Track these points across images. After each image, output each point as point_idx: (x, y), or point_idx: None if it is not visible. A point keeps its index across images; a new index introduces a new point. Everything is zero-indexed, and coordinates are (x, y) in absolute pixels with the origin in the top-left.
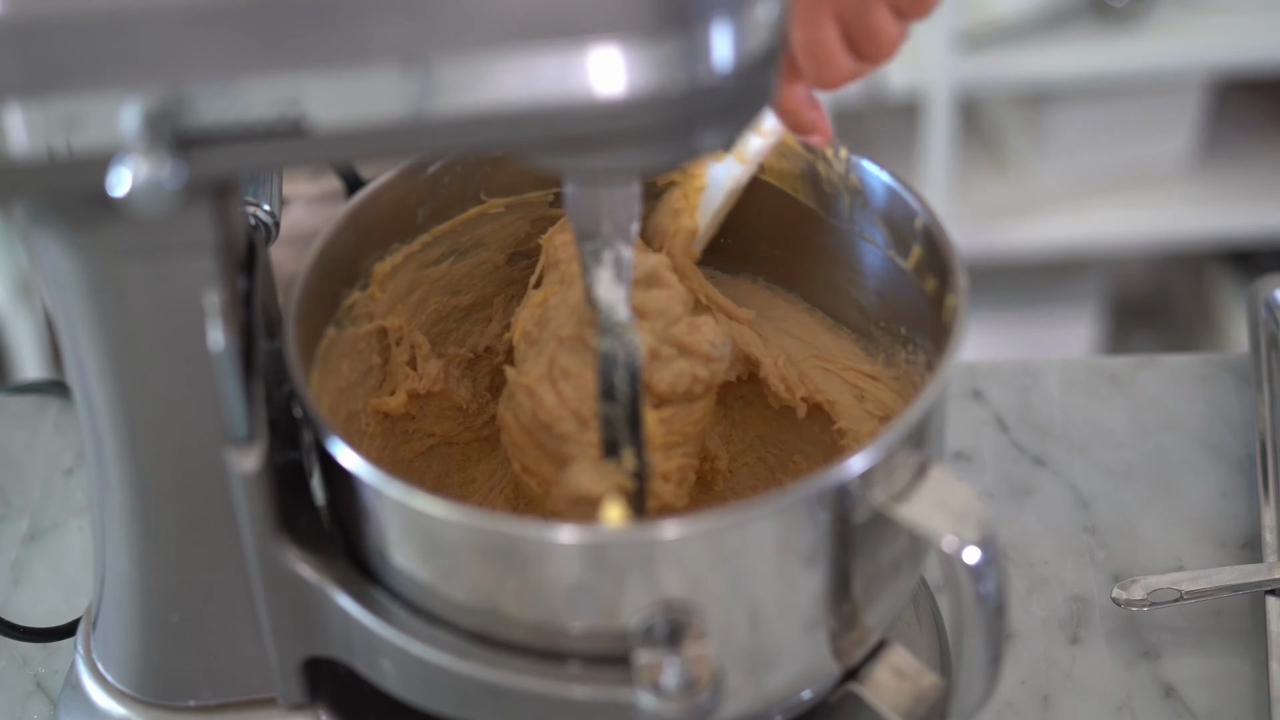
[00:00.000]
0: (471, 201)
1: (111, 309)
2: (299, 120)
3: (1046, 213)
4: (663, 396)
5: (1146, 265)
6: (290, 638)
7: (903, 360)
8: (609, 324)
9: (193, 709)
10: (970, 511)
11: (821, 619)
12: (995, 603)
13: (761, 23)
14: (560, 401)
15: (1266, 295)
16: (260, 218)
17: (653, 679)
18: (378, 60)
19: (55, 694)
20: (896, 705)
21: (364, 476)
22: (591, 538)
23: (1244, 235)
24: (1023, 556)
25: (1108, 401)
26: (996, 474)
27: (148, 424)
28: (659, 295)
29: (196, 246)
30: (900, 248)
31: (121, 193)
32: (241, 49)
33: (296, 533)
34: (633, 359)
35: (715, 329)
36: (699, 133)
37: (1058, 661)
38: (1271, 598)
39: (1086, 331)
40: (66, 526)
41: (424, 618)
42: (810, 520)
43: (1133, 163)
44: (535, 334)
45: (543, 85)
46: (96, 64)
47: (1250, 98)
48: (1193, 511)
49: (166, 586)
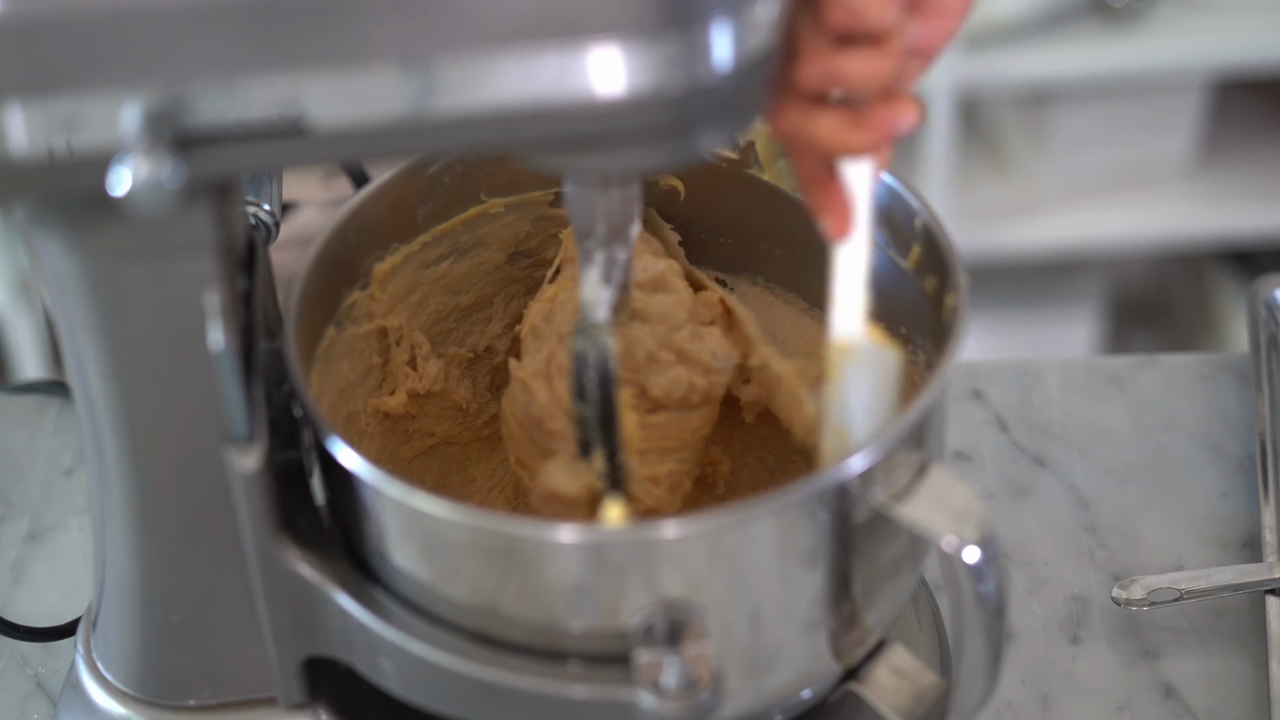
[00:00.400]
0: (471, 201)
1: (111, 309)
2: (299, 120)
3: (1046, 213)
4: (657, 401)
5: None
6: (290, 638)
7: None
8: (584, 324)
9: (193, 709)
10: (970, 511)
11: (821, 619)
12: (995, 603)
13: (761, 23)
14: (553, 398)
15: (1266, 295)
16: (260, 218)
17: (653, 679)
18: (378, 60)
19: (55, 694)
20: (896, 705)
21: (364, 476)
22: (591, 538)
23: (1244, 235)
24: (1023, 556)
25: (1108, 401)
26: (996, 474)
27: (148, 424)
28: (664, 300)
29: (196, 246)
30: (900, 247)
31: (121, 193)
32: (241, 49)
33: (296, 533)
34: (604, 360)
35: (720, 340)
36: (699, 133)
37: (1058, 661)
38: (1271, 598)
39: (1086, 331)
40: (66, 526)
41: (424, 617)
42: (810, 520)
43: (1133, 163)
44: (542, 329)
45: (543, 85)
46: (97, 64)
47: (1250, 98)
48: (1193, 511)
49: (166, 586)
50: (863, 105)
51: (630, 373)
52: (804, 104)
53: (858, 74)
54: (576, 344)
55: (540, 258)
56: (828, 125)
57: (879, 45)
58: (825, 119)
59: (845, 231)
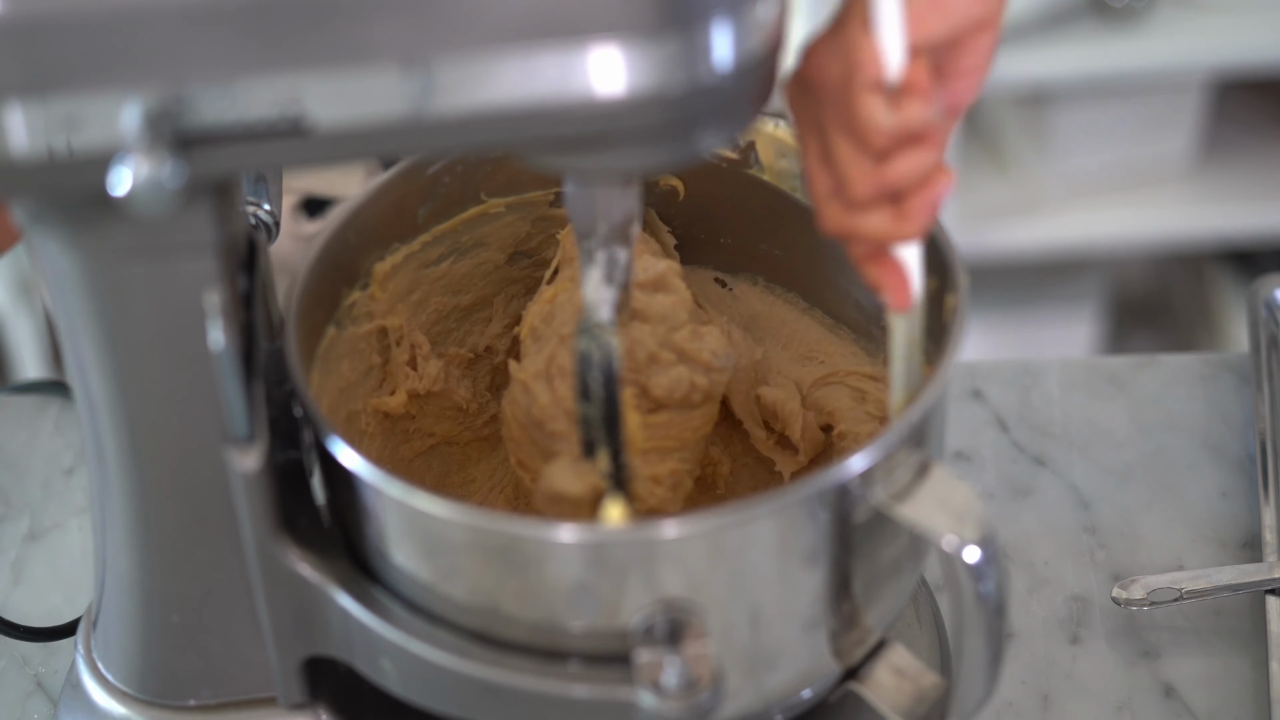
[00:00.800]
0: (472, 201)
1: (111, 309)
2: (299, 120)
3: (1046, 213)
4: (659, 401)
5: (1146, 265)
6: (290, 637)
7: None
8: (588, 324)
9: (193, 709)
10: (970, 511)
11: (821, 618)
12: (995, 602)
13: (761, 23)
14: (554, 399)
15: (1266, 295)
16: (260, 217)
17: (653, 678)
18: (378, 60)
19: (55, 694)
20: (896, 705)
21: (364, 476)
22: (591, 537)
23: (1244, 235)
24: (1023, 556)
25: (1108, 401)
26: (996, 474)
27: (148, 424)
28: (664, 300)
29: (197, 246)
30: None
31: (122, 192)
32: (241, 49)
33: (296, 532)
34: (608, 360)
35: (719, 339)
36: (699, 133)
37: (1058, 661)
38: (1271, 597)
39: (1086, 331)
40: (66, 526)
41: (424, 617)
42: (810, 520)
43: (1133, 163)
44: (541, 330)
45: (543, 85)
46: (97, 64)
47: (1250, 98)
48: (1193, 511)
49: (166, 586)
50: (904, 196)
51: (631, 373)
52: (849, 209)
53: (909, 176)
54: (580, 344)
55: (540, 258)
56: (877, 224)
57: (922, 142)
58: (873, 219)
59: (907, 304)
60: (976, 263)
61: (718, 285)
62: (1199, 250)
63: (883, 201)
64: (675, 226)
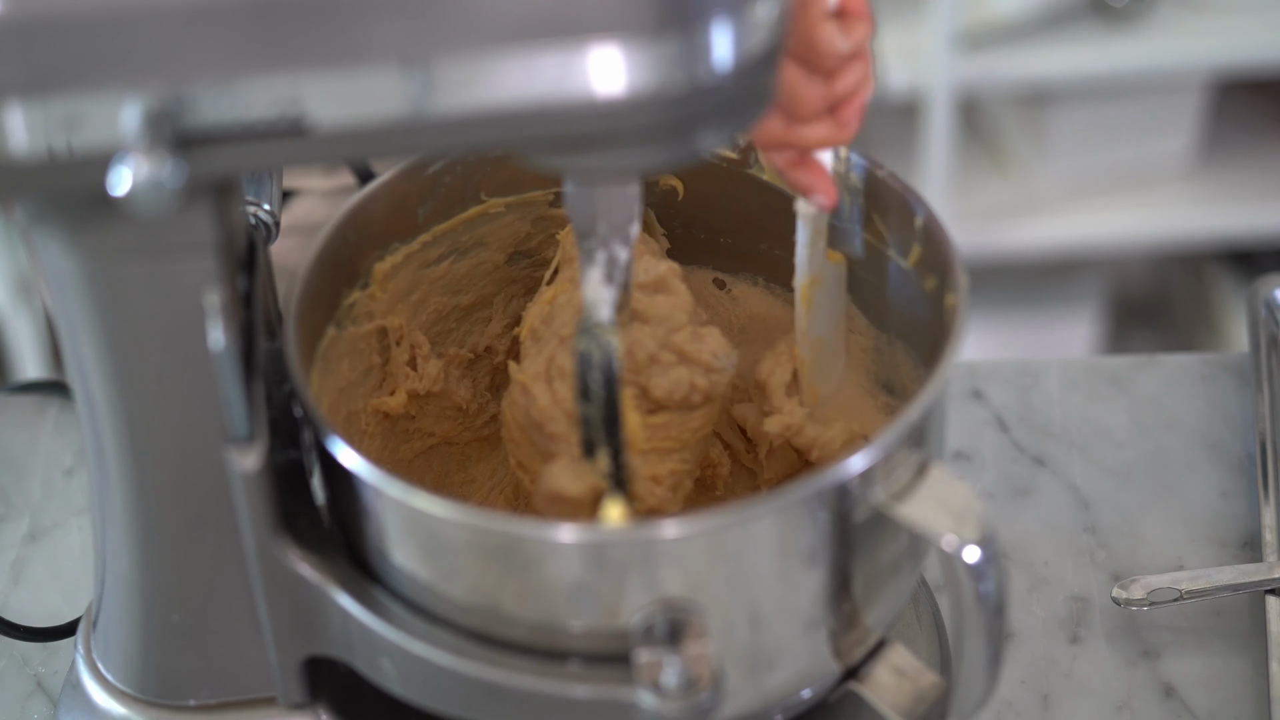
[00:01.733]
0: (471, 201)
1: (111, 309)
2: (299, 120)
3: (1046, 213)
4: (659, 402)
5: (1146, 265)
6: (290, 637)
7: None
8: (588, 324)
9: (193, 708)
10: (970, 511)
11: (821, 618)
12: (995, 602)
13: (761, 22)
14: (553, 401)
15: (1266, 295)
16: (260, 217)
17: (653, 678)
18: (378, 60)
19: (55, 693)
20: (896, 704)
21: (364, 476)
22: (591, 538)
23: (1244, 235)
24: (1023, 556)
25: (1108, 401)
26: (996, 474)
27: (148, 424)
28: (664, 301)
29: (197, 246)
30: (900, 247)
31: (122, 192)
32: (241, 49)
33: (296, 532)
34: (609, 360)
35: (720, 341)
36: (699, 133)
37: (1058, 661)
38: (1271, 597)
39: (1086, 331)
40: (66, 526)
41: (424, 617)
42: (810, 520)
43: (1133, 163)
44: (541, 331)
45: (543, 85)
46: (97, 64)
47: (1250, 98)
48: (1193, 511)
49: (166, 586)
50: (839, 106)
51: (632, 373)
52: (791, 123)
53: (851, 89)
54: (580, 344)
55: (540, 258)
56: (820, 133)
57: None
58: (817, 129)
59: (836, 198)
60: (976, 263)
61: (716, 287)
62: (1199, 250)
63: (823, 113)
64: (675, 227)
